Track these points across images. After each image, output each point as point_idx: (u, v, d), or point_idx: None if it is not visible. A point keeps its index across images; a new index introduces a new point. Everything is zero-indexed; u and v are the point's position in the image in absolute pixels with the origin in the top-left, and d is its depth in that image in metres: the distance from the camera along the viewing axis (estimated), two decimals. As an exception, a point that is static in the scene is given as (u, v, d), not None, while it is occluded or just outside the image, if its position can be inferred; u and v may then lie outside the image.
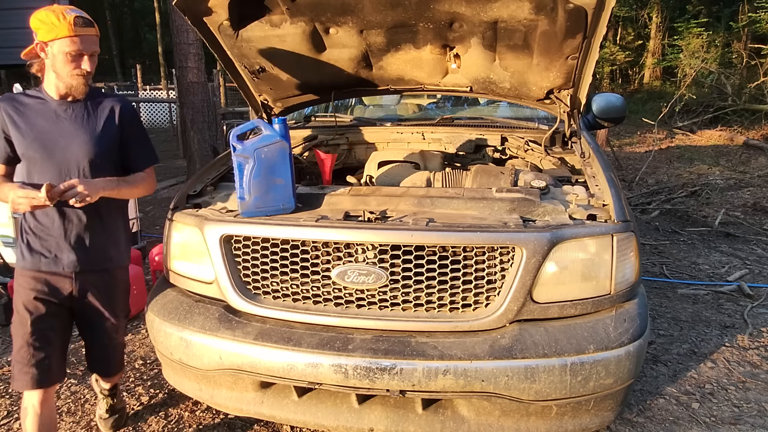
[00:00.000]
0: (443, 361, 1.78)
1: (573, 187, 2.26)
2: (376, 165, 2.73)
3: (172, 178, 8.98)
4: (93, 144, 2.03)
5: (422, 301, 1.91)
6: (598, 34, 2.23)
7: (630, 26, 19.60)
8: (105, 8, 30.64)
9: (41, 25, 1.91)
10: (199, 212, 2.20)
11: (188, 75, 6.88)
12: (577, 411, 1.89)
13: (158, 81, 23.12)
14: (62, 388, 2.81)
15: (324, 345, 1.86)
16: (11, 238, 3.89)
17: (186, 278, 2.21)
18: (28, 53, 2.02)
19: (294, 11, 2.41)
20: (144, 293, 3.57)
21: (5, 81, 12.05)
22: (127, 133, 2.13)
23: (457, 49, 2.61)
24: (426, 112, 3.74)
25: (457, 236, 1.85)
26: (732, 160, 9.01)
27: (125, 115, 2.14)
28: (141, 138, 2.19)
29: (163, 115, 17.45)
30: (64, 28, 1.90)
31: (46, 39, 1.92)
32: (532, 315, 1.88)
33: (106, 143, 2.06)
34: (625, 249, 1.93)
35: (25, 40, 2.03)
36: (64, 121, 2.03)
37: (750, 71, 12.24)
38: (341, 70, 2.80)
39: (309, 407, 1.99)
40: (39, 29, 1.92)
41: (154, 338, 2.18)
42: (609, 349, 1.82)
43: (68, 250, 2.04)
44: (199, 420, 2.52)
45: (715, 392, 2.73)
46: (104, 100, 2.15)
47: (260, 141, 2.07)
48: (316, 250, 1.98)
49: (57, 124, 2.02)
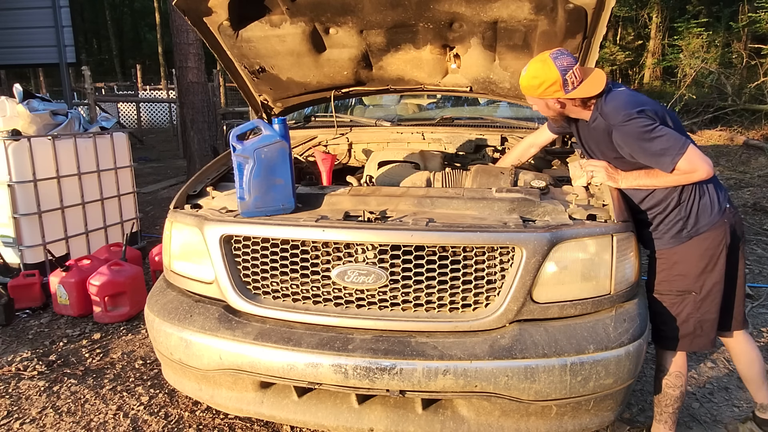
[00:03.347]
0: (443, 361, 1.78)
1: (573, 187, 2.26)
2: (376, 165, 2.73)
3: (172, 178, 8.99)
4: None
5: (422, 301, 1.91)
6: (598, 34, 2.23)
7: (630, 26, 19.60)
8: (105, 8, 30.65)
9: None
10: (199, 212, 2.20)
11: (188, 75, 6.88)
12: (576, 411, 1.89)
13: (158, 81, 23.14)
14: (62, 388, 2.81)
15: (324, 345, 1.86)
16: (11, 238, 3.90)
17: (186, 278, 2.21)
18: None
19: (294, 11, 2.41)
20: (144, 293, 3.57)
21: (5, 81, 12.05)
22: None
23: (457, 49, 2.61)
24: (426, 112, 3.74)
25: (457, 236, 1.85)
26: (732, 160, 9.01)
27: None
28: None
29: (163, 115, 17.46)
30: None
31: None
32: (532, 315, 1.88)
33: None
34: (625, 249, 1.93)
35: (25, 40, 2.04)
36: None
37: (750, 71, 12.23)
38: (341, 70, 2.80)
39: (309, 407, 1.99)
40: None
41: (154, 338, 2.18)
42: (609, 349, 1.82)
43: None
44: (199, 420, 2.52)
45: (715, 392, 2.73)
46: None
47: (260, 141, 2.07)
48: (316, 250, 1.98)
49: None
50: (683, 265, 2.08)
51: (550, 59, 2.00)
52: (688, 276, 2.08)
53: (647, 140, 1.93)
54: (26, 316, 3.73)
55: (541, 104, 2.14)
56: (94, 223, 4.41)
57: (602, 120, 2.06)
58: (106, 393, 2.77)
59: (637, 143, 1.96)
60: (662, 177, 2.00)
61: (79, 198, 4.24)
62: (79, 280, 3.62)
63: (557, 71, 1.98)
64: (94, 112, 10.28)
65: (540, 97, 2.08)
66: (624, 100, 2.01)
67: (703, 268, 2.06)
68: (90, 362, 3.09)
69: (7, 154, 3.76)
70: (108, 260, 3.78)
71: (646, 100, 2.04)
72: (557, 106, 2.10)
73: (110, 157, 4.52)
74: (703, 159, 1.94)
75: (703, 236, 2.05)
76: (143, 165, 10.29)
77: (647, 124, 1.93)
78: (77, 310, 3.65)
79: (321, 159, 2.68)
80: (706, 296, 2.08)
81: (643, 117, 1.94)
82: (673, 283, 2.10)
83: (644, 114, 1.94)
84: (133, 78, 20.28)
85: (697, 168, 1.94)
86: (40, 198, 3.93)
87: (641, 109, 1.95)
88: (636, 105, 1.97)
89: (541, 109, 2.17)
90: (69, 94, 9.91)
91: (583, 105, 2.09)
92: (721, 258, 2.07)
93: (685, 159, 1.91)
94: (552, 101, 2.08)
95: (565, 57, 2.01)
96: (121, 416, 2.57)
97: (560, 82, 2.00)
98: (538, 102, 2.13)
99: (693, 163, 1.92)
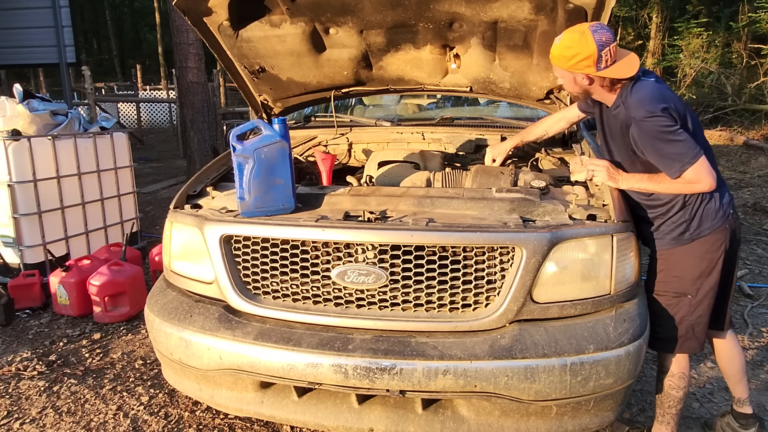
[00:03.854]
0: (443, 361, 1.78)
1: (573, 187, 2.26)
2: (376, 165, 2.73)
3: (172, 178, 8.98)
4: None
5: (422, 301, 1.91)
6: (598, 34, 2.23)
7: (630, 26, 19.58)
8: (105, 8, 30.65)
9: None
10: (199, 212, 2.20)
11: (188, 75, 6.88)
12: (576, 411, 1.89)
13: (158, 81, 23.14)
14: (62, 388, 2.81)
15: (324, 345, 1.86)
16: (11, 238, 3.90)
17: (186, 278, 2.21)
18: None
19: (294, 11, 2.41)
20: (144, 293, 3.57)
21: (5, 81, 12.05)
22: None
23: (457, 49, 2.61)
24: (426, 112, 3.74)
25: (457, 236, 1.85)
26: (732, 160, 9.00)
27: None
28: None
29: (163, 115, 17.46)
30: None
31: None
32: (532, 315, 1.88)
33: None
34: (625, 249, 1.93)
35: (25, 40, 2.03)
36: None
37: (750, 71, 12.23)
38: (341, 70, 2.80)
39: (309, 407, 1.99)
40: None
41: (154, 338, 2.18)
42: (609, 349, 1.82)
43: None
44: (199, 420, 2.52)
45: (715, 392, 2.73)
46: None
47: (260, 141, 2.07)
48: (316, 250, 1.98)
49: None
50: (681, 266, 2.07)
51: (589, 31, 1.89)
52: (684, 278, 2.07)
53: (663, 141, 1.90)
54: (26, 316, 3.73)
55: (568, 78, 2.04)
56: (94, 223, 4.41)
57: (623, 110, 1.99)
58: (106, 393, 2.77)
59: (652, 142, 1.92)
60: (664, 183, 1.98)
61: (79, 198, 4.24)
62: (79, 280, 3.62)
63: (595, 45, 1.88)
64: (94, 112, 10.28)
65: (569, 69, 1.97)
66: (649, 94, 1.94)
67: (701, 271, 2.05)
68: (90, 362, 3.09)
69: (7, 154, 3.76)
70: (108, 260, 3.78)
71: (671, 95, 1.98)
72: (585, 82, 2.00)
73: (110, 157, 4.52)
74: (710, 172, 1.91)
75: (703, 239, 2.03)
76: (143, 165, 10.29)
77: (667, 124, 1.88)
78: (77, 310, 3.65)
79: (321, 159, 2.68)
80: (701, 300, 2.07)
81: (665, 116, 1.88)
82: (669, 284, 2.10)
83: (667, 113, 1.88)
84: (133, 78, 20.29)
85: (701, 180, 1.91)
86: (40, 198, 3.93)
87: (665, 106, 1.89)
88: (661, 101, 1.90)
89: (567, 83, 2.07)
90: (69, 94, 9.91)
91: (609, 87, 2.01)
92: (719, 263, 2.06)
93: (693, 169, 1.88)
94: (581, 76, 1.98)
95: (604, 32, 1.91)
96: (121, 416, 2.57)
97: (595, 58, 1.89)
98: (566, 75, 2.03)
99: (699, 175, 1.90)
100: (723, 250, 2.05)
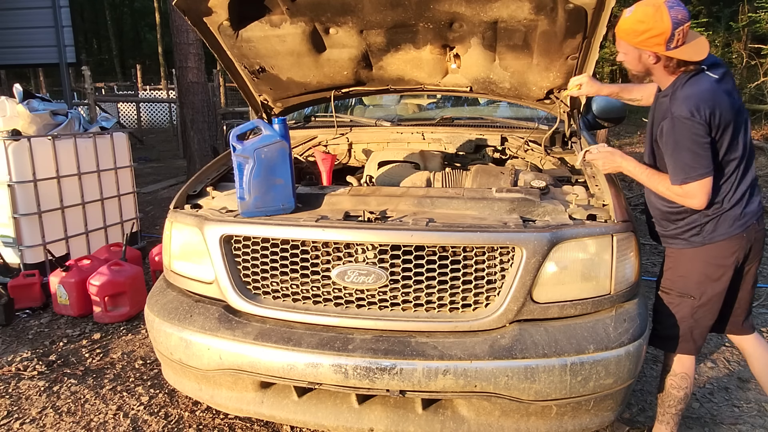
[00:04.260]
0: (443, 361, 1.78)
1: (573, 187, 2.26)
2: (376, 165, 2.73)
3: (172, 178, 8.98)
4: None
5: (422, 301, 1.91)
6: (598, 34, 2.23)
7: (630, 26, 19.54)
8: (105, 8, 30.65)
9: None
10: (199, 212, 2.20)
11: (188, 75, 6.88)
12: (577, 411, 1.89)
13: (158, 81, 23.13)
14: (62, 388, 2.81)
15: (324, 345, 1.86)
16: (11, 238, 3.90)
17: (186, 278, 2.21)
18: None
19: (294, 11, 2.41)
20: (144, 293, 3.57)
21: (5, 81, 12.05)
22: None
23: (457, 49, 2.61)
24: (426, 112, 3.74)
25: (457, 236, 1.85)
26: (732, 160, 8.98)
27: None
28: None
29: (163, 115, 17.45)
30: None
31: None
32: (532, 315, 1.88)
33: None
34: (625, 249, 1.93)
35: (25, 40, 2.03)
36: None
37: (750, 71, 12.22)
38: (341, 70, 2.80)
39: (309, 407, 1.99)
40: None
41: (154, 338, 2.18)
42: (609, 349, 1.82)
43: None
44: (199, 420, 2.52)
45: (715, 392, 2.73)
46: None
47: (260, 141, 2.07)
48: (316, 250, 1.98)
49: None
50: (688, 268, 2.04)
51: (665, 6, 1.78)
52: (690, 280, 2.04)
53: (685, 148, 1.84)
54: (26, 316, 3.73)
55: (633, 55, 1.93)
56: (94, 223, 4.41)
57: (668, 101, 1.90)
58: (106, 393, 2.77)
59: (675, 143, 1.86)
60: (660, 184, 1.95)
61: (79, 198, 4.24)
62: (79, 280, 3.62)
63: (670, 22, 1.78)
64: (94, 112, 10.28)
65: (637, 45, 1.87)
66: (699, 94, 1.84)
67: (708, 276, 2.00)
68: (90, 362, 3.09)
69: (7, 154, 3.76)
70: (108, 260, 3.78)
71: (723, 100, 1.86)
72: (651, 60, 1.89)
73: (110, 157, 4.51)
74: (707, 193, 1.87)
75: (716, 245, 1.98)
76: (143, 165, 10.29)
77: (700, 134, 1.82)
78: (77, 310, 3.65)
79: (321, 159, 2.68)
80: (704, 304, 2.04)
81: (703, 125, 1.81)
82: (675, 283, 2.08)
83: (706, 121, 1.81)
84: (133, 78, 20.28)
85: (697, 197, 1.87)
86: (40, 198, 3.93)
87: (711, 113, 1.81)
88: (708, 106, 1.82)
89: (631, 60, 1.95)
90: (69, 94, 9.91)
91: (673, 69, 1.90)
92: (729, 271, 2.00)
93: (696, 185, 1.85)
94: (647, 54, 1.88)
95: (681, 9, 1.79)
96: (121, 416, 2.57)
97: (667, 36, 1.79)
98: (631, 52, 1.92)
99: (698, 193, 1.86)
100: (736, 259, 1.99)
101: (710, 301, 2.03)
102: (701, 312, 2.05)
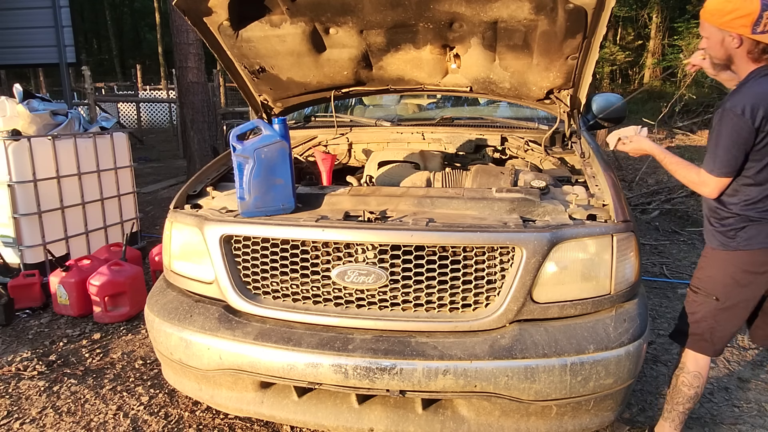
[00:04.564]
0: (443, 361, 1.78)
1: (573, 187, 2.26)
2: (376, 165, 2.73)
3: (172, 178, 8.98)
4: None
5: (422, 301, 1.91)
6: (598, 34, 2.23)
7: (630, 26, 19.60)
8: (105, 8, 30.66)
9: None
10: (199, 212, 2.20)
11: (188, 75, 6.89)
12: (577, 411, 1.89)
13: (158, 81, 23.14)
14: (62, 388, 2.81)
15: (324, 345, 1.86)
16: (11, 238, 3.90)
17: (186, 278, 2.21)
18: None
19: (294, 11, 2.41)
20: (144, 293, 3.57)
21: (5, 81, 12.05)
22: None
23: (457, 49, 2.61)
24: (426, 112, 3.74)
25: (457, 236, 1.85)
26: (732, 160, 8.98)
27: None
28: None
29: (163, 115, 17.46)
30: None
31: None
32: (532, 315, 1.88)
33: None
34: (625, 249, 1.93)
35: (25, 40, 2.03)
36: None
37: (750, 71, 12.22)
38: (341, 70, 2.80)
39: (309, 407, 1.99)
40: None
41: (154, 338, 2.18)
42: (609, 349, 1.82)
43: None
44: (199, 420, 2.52)
45: (715, 392, 2.73)
46: None
47: (260, 141, 2.07)
48: (316, 250, 1.98)
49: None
50: (717, 269, 2.02)
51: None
52: (717, 281, 2.02)
53: (722, 140, 1.85)
54: (26, 316, 3.73)
55: (716, 38, 1.86)
56: (94, 223, 4.41)
57: (730, 94, 1.88)
58: (106, 393, 2.77)
59: (719, 133, 1.85)
60: (682, 171, 2.01)
61: (79, 198, 4.24)
62: (79, 280, 3.62)
63: (759, 4, 1.71)
64: (94, 112, 10.28)
65: (722, 27, 1.81)
66: (762, 96, 1.79)
67: (735, 280, 1.98)
68: (90, 362, 3.09)
69: (7, 154, 3.76)
70: (108, 260, 3.78)
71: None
72: (734, 44, 1.82)
73: (110, 157, 4.52)
74: (719, 191, 1.93)
75: (748, 252, 1.94)
76: (143, 165, 10.29)
77: (740, 133, 1.80)
78: (77, 310, 3.65)
79: (321, 159, 2.68)
80: (728, 308, 2.01)
81: (748, 127, 1.78)
82: (703, 282, 2.07)
83: (753, 125, 1.78)
84: (133, 78, 20.28)
85: (707, 187, 1.93)
86: (40, 198, 3.93)
87: (764, 117, 1.78)
88: (764, 110, 1.78)
89: (714, 44, 1.89)
90: (69, 94, 9.91)
91: (755, 58, 1.84)
92: (760, 282, 1.97)
93: (716, 179, 1.90)
94: (731, 37, 1.81)
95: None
96: (121, 416, 2.57)
97: (754, 17, 1.72)
98: (715, 35, 1.85)
99: (715, 186, 1.92)
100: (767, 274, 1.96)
101: (735, 307, 2.01)
102: (723, 315, 2.02)
